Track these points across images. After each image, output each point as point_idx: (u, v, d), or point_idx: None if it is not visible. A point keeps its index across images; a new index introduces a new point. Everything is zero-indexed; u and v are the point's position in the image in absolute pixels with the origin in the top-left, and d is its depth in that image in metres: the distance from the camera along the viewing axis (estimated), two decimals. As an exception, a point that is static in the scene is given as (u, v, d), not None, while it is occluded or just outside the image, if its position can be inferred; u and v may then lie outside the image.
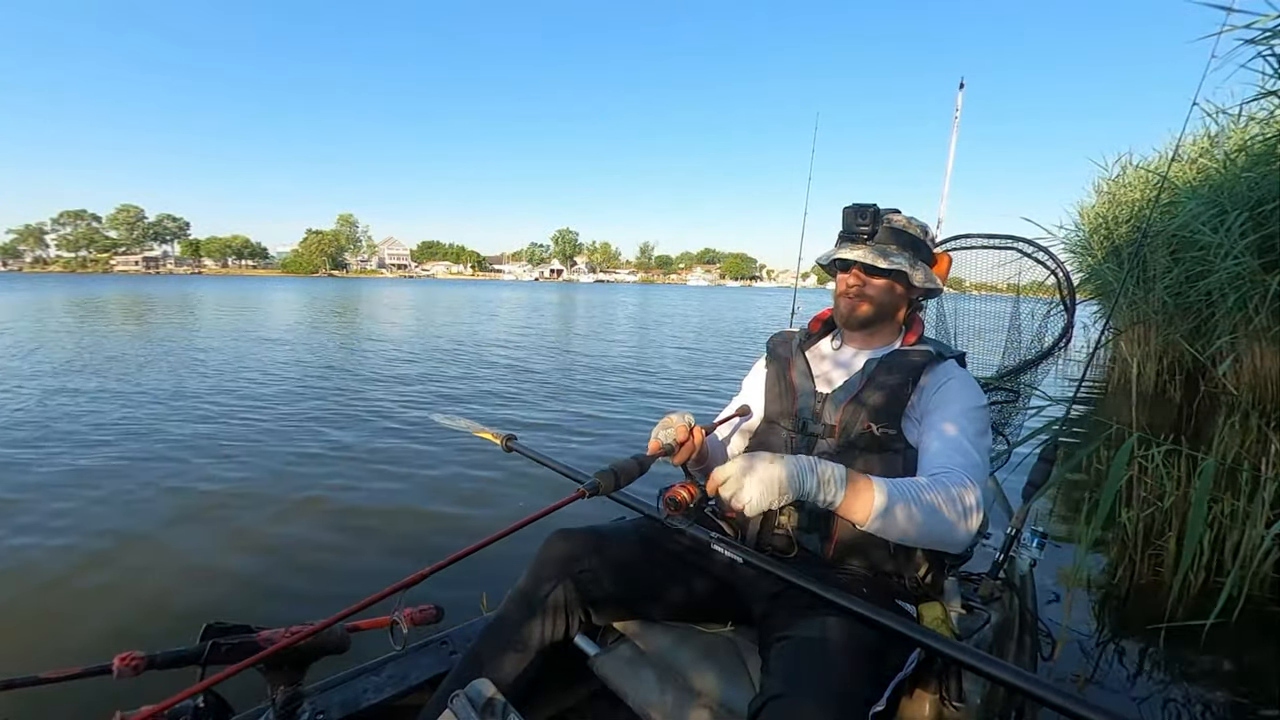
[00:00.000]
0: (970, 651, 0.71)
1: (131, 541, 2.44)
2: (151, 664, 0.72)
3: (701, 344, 11.09)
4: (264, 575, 2.21)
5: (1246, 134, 4.55)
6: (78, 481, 3.08)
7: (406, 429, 4.28)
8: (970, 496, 0.90)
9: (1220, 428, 2.91)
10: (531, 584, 1.04)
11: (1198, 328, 4.86)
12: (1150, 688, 1.69)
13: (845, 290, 1.12)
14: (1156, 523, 2.33)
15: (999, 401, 1.74)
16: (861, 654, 0.82)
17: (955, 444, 0.97)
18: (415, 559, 2.30)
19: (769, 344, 1.26)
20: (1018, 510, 1.35)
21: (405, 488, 3.14)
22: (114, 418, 4.40)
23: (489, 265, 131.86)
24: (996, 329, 1.89)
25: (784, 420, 1.13)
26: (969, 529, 0.90)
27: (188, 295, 24.75)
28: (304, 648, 0.80)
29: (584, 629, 1.08)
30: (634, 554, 1.08)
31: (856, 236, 1.09)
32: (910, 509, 0.86)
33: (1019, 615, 1.28)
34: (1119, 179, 6.51)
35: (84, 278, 58.33)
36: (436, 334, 11.37)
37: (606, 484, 0.86)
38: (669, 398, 5.85)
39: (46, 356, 7.27)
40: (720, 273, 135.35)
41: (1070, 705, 0.60)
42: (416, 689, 1.10)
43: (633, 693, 1.01)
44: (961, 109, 2.32)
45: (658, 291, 59.20)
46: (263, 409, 4.83)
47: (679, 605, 1.08)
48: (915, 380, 1.05)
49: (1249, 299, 3.71)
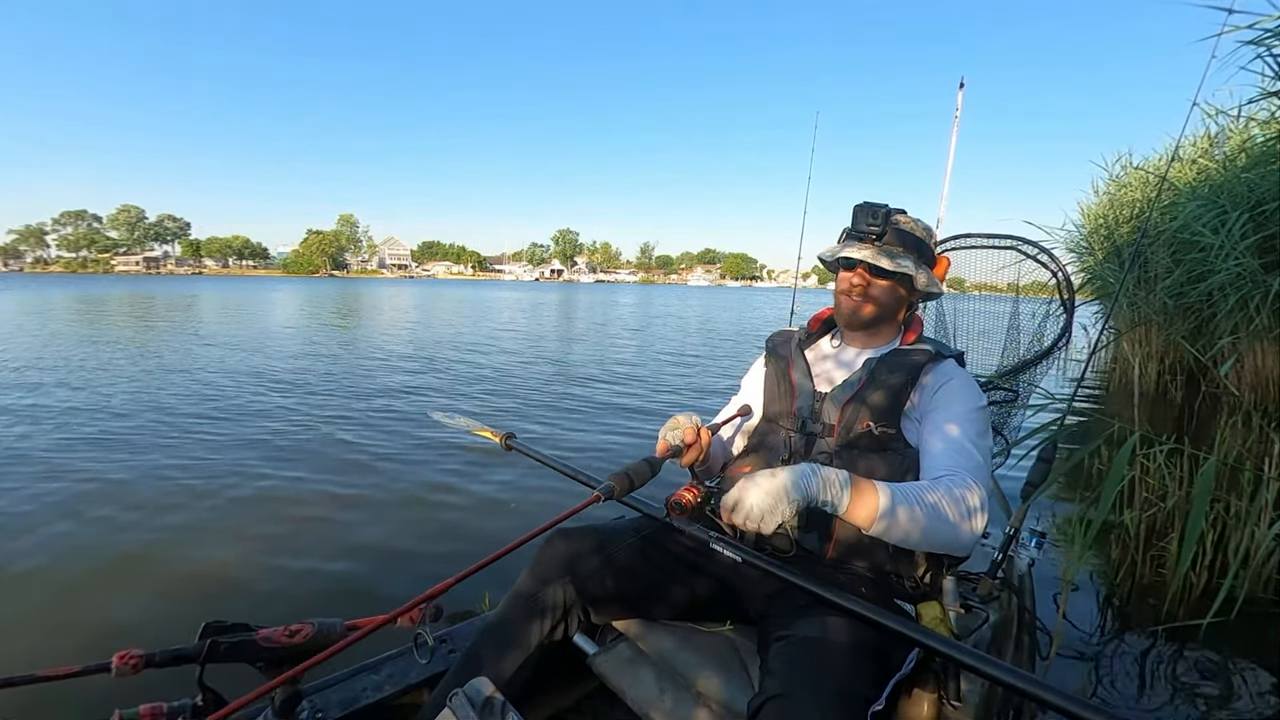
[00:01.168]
0: (969, 651, 0.71)
1: (133, 540, 2.45)
2: (150, 662, 0.72)
3: (694, 348, 11.07)
4: (261, 574, 2.20)
5: (1247, 135, 4.55)
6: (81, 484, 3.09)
7: (404, 427, 4.28)
8: (974, 498, 0.90)
9: (1222, 428, 2.91)
10: (531, 583, 1.04)
11: (1198, 328, 4.87)
12: (1149, 687, 1.69)
13: (848, 289, 1.11)
14: (1159, 523, 2.33)
15: (998, 401, 1.74)
16: (861, 653, 0.82)
17: (958, 446, 0.97)
18: (413, 558, 2.30)
19: (769, 342, 1.26)
20: (1016, 510, 1.35)
21: (404, 485, 3.13)
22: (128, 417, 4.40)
23: (490, 265, 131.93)
24: (996, 329, 1.88)
25: (784, 419, 1.13)
26: (973, 531, 0.89)
27: (193, 296, 24.75)
28: (303, 646, 0.80)
29: (583, 628, 1.08)
30: (633, 553, 1.08)
31: (865, 236, 1.09)
32: (914, 511, 0.86)
33: (1017, 615, 1.28)
34: (1119, 179, 6.52)
35: (85, 278, 58.39)
36: (436, 337, 11.37)
37: (621, 487, 0.86)
38: (657, 403, 5.85)
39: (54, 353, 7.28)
40: (721, 273, 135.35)
41: (1067, 705, 0.60)
42: (415, 688, 1.10)
43: (631, 691, 1.01)
44: (962, 108, 2.32)
45: (657, 291, 59.17)
46: (261, 409, 4.83)
47: (678, 604, 1.08)
48: (915, 379, 1.04)
49: (1250, 299, 3.71)
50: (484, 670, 0.93)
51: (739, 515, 0.83)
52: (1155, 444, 2.23)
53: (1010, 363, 1.77)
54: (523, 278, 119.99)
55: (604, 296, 37.25)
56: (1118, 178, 6.56)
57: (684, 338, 12.15)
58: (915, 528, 0.86)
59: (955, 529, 0.88)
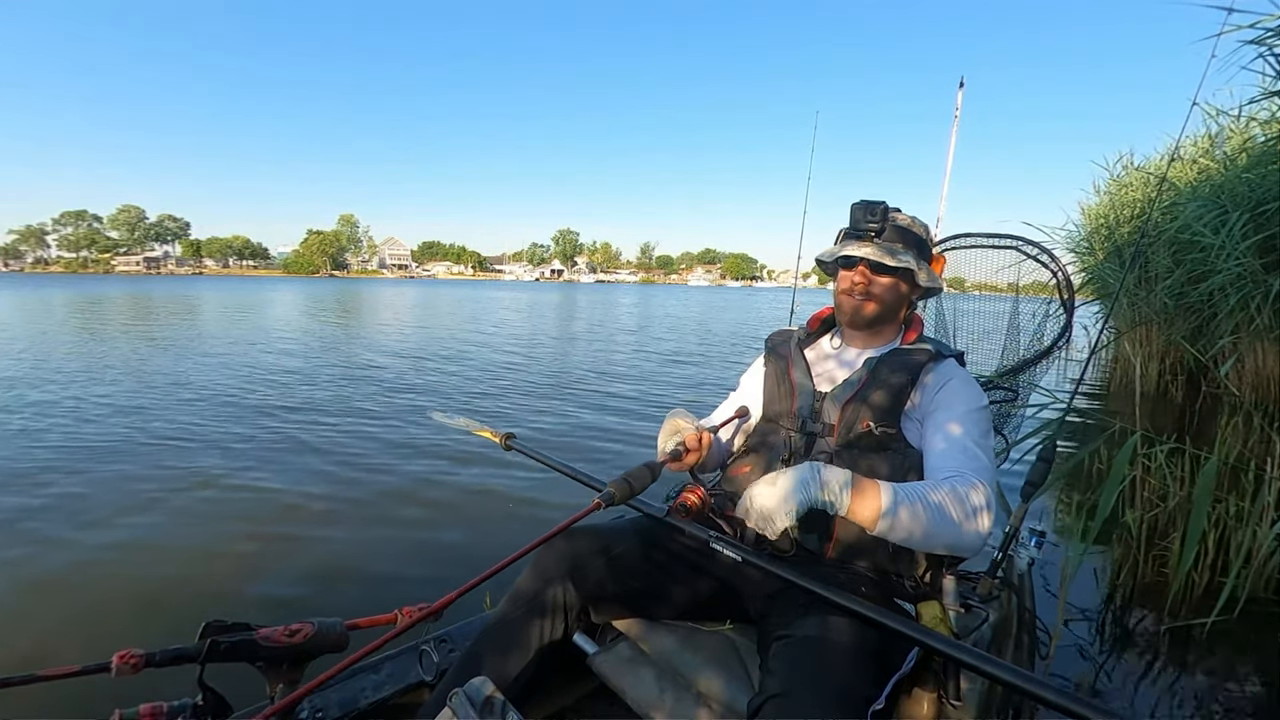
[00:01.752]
0: (969, 650, 0.71)
1: (134, 535, 2.45)
2: (150, 662, 0.72)
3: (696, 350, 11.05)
4: (261, 573, 2.20)
5: (1248, 135, 4.55)
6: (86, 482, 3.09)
7: (402, 427, 4.28)
8: (978, 498, 0.89)
9: (1223, 428, 2.91)
10: (531, 582, 1.04)
11: (1199, 328, 4.87)
12: (1149, 686, 1.69)
13: (850, 288, 1.10)
14: (1160, 523, 2.33)
15: (998, 401, 1.74)
16: (861, 653, 0.82)
17: (961, 446, 0.97)
18: (411, 559, 2.27)
19: (768, 342, 1.26)
20: (1016, 509, 1.35)
21: (400, 483, 3.14)
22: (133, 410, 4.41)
23: (490, 265, 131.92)
24: (996, 329, 1.89)
25: (784, 419, 1.13)
26: (978, 531, 0.89)
27: (193, 296, 24.75)
28: (303, 645, 0.80)
29: (583, 628, 1.08)
30: (634, 553, 1.07)
31: (864, 233, 1.08)
32: (916, 510, 0.86)
33: (1017, 614, 1.28)
34: (1120, 179, 6.52)
35: (85, 278, 58.40)
36: (434, 336, 11.36)
37: (621, 493, 0.87)
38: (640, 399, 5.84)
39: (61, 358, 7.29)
40: (721, 273, 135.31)
41: (1067, 703, 0.60)
42: (415, 687, 1.10)
43: (632, 691, 1.01)
44: (961, 107, 2.32)
45: (657, 292, 59.07)
46: (260, 411, 4.83)
47: (678, 604, 1.08)
48: (916, 379, 1.04)
49: (1251, 299, 3.71)
50: (484, 670, 0.93)
51: (750, 519, 0.85)
52: (1156, 444, 2.22)
53: (1010, 362, 1.78)
54: (523, 278, 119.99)
55: (604, 297, 37.20)
56: (1119, 178, 6.56)
57: (680, 339, 12.16)
58: (918, 527, 0.86)
59: (959, 529, 0.87)
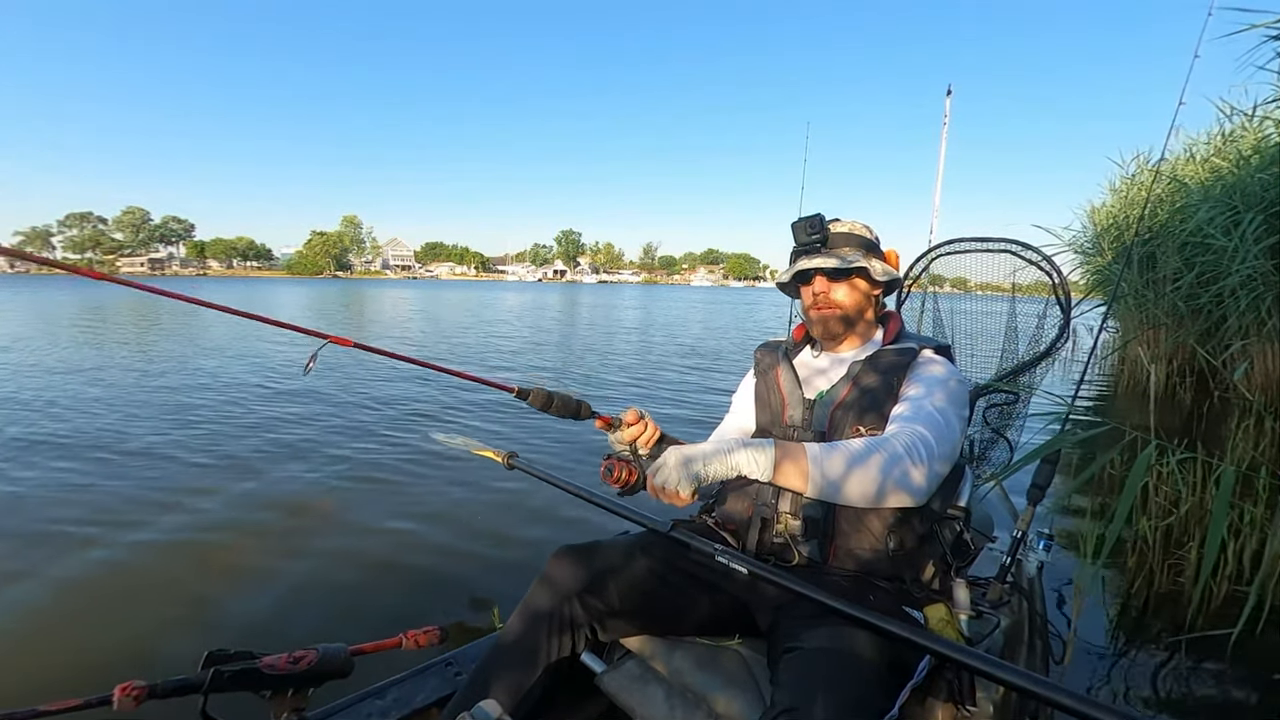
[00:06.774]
0: (983, 657, 0.70)
1: (132, 556, 2.43)
2: (153, 694, 0.71)
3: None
4: (263, 600, 2.09)
5: (1261, 134, 4.50)
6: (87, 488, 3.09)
7: (401, 448, 4.21)
8: (908, 438, 0.92)
9: (1234, 432, 2.87)
10: (537, 602, 1.03)
11: (1209, 330, 4.82)
12: (1165, 693, 1.67)
13: (813, 303, 1.15)
14: (1175, 531, 2.29)
15: (999, 404, 1.73)
16: (872, 663, 0.81)
17: (916, 406, 1.00)
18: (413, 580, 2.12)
19: (756, 355, 1.29)
20: (1023, 513, 1.35)
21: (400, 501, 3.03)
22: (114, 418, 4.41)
23: (493, 266, 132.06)
24: (995, 330, 1.88)
25: (773, 428, 1.15)
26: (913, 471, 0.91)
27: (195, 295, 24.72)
28: (307, 672, 0.79)
29: (590, 646, 1.06)
30: (639, 569, 1.07)
31: (810, 247, 1.12)
32: (840, 460, 0.90)
33: (1029, 619, 1.26)
34: (1134, 178, 6.44)
35: (88, 279, 58.38)
36: (440, 337, 11.36)
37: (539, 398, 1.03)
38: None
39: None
40: (724, 273, 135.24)
41: (1084, 708, 0.59)
42: (421, 711, 1.08)
43: (641, 709, 0.99)
44: (950, 114, 2.31)
45: (660, 293, 58.94)
46: (261, 415, 4.83)
47: (686, 620, 1.08)
48: (900, 377, 1.07)
49: (1262, 301, 3.68)
50: (491, 692, 0.92)
51: (658, 480, 0.91)
52: (1170, 452, 2.19)
53: (1010, 365, 1.76)
54: (526, 278, 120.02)
55: (606, 299, 37.12)
56: (1134, 176, 6.48)
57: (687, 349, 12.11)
58: (853, 477, 0.89)
59: (890, 470, 0.89)
